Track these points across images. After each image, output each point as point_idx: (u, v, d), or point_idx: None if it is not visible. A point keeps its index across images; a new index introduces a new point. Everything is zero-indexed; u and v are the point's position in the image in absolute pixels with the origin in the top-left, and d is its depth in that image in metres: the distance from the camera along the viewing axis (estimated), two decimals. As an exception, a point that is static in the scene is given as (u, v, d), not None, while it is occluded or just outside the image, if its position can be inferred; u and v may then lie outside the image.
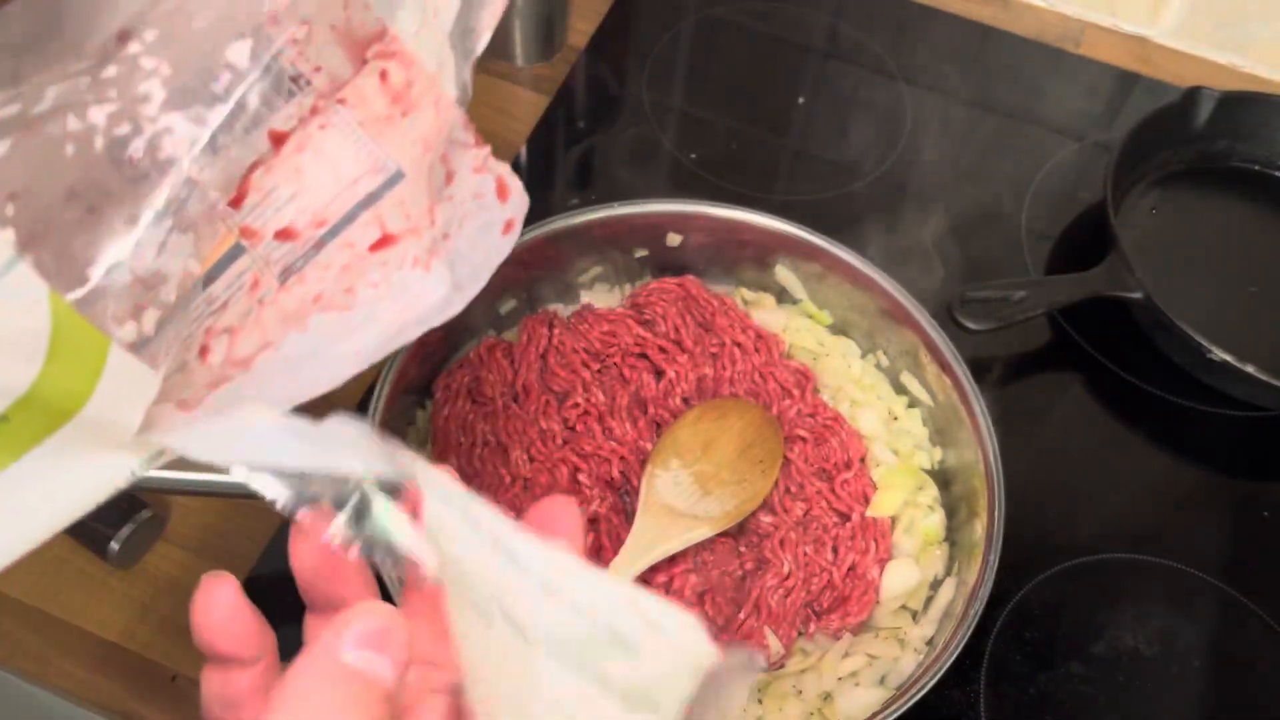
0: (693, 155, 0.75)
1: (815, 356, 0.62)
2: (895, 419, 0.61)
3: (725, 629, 0.52)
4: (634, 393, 0.58)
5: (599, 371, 0.59)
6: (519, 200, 0.32)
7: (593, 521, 0.54)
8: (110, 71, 0.28)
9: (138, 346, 0.27)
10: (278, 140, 0.29)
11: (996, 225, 0.73)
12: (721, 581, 0.53)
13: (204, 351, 0.29)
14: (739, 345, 0.60)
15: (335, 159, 0.30)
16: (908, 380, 0.61)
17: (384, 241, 0.30)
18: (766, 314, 0.63)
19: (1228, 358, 0.62)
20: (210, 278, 0.28)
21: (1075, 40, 0.84)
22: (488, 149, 0.33)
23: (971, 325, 0.62)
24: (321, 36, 0.30)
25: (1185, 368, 0.66)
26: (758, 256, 0.63)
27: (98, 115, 0.27)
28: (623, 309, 0.62)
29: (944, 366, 0.57)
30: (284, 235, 0.29)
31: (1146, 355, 0.67)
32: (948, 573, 0.55)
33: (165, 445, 0.27)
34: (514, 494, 0.55)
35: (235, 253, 0.29)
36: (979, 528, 0.53)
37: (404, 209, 0.30)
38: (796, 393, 0.59)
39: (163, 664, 0.53)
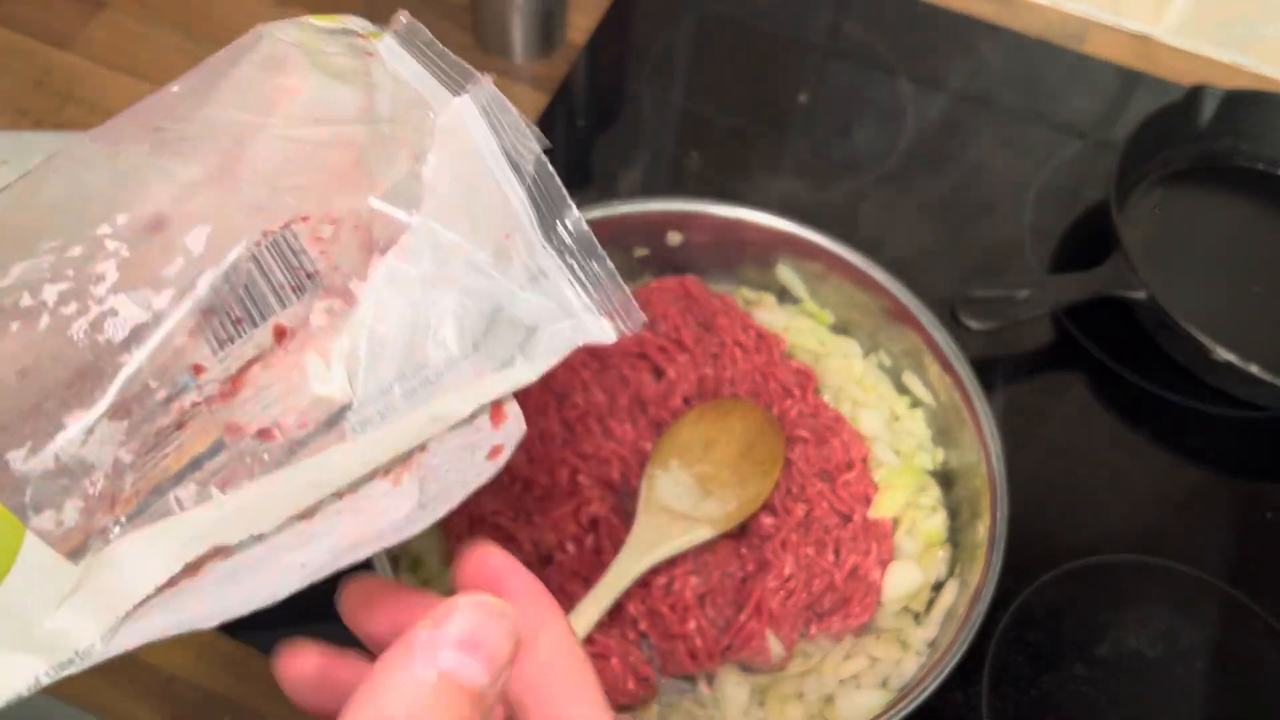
0: (694, 153, 0.74)
1: (817, 356, 0.62)
2: (897, 419, 0.60)
3: (726, 631, 0.52)
4: (634, 393, 0.58)
5: (599, 371, 0.59)
6: (514, 426, 0.30)
7: (593, 523, 0.54)
8: (75, 251, 0.27)
9: (56, 537, 0.26)
10: (281, 335, 0.28)
11: (999, 224, 0.73)
12: (722, 583, 0.53)
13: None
14: (740, 345, 0.60)
15: (333, 360, 0.28)
16: (910, 380, 0.60)
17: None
18: (767, 313, 0.63)
19: (1231, 358, 0.61)
20: (183, 474, 0.27)
21: (1078, 38, 0.84)
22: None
23: (974, 325, 0.61)
24: (346, 236, 0.29)
25: (1189, 368, 0.66)
26: (759, 256, 0.62)
27: (50, 293, 0.27)
28: (623, 308, 0.62)
29: (946, 366, 0.57)
30: (264, 435, 0.28)
31: (1150, 355, 0.67)
32: (950, 574, 0.55)
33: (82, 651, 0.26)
34: (514, 494, 0.55)
35: (215, 449, 0.28)
36: (981, 529, 0.53)
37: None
38: (798, 393, 0.59)
39: (160, 667, 0.53)
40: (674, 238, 0.62)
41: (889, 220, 0.71)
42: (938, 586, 0.55)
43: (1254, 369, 0.61)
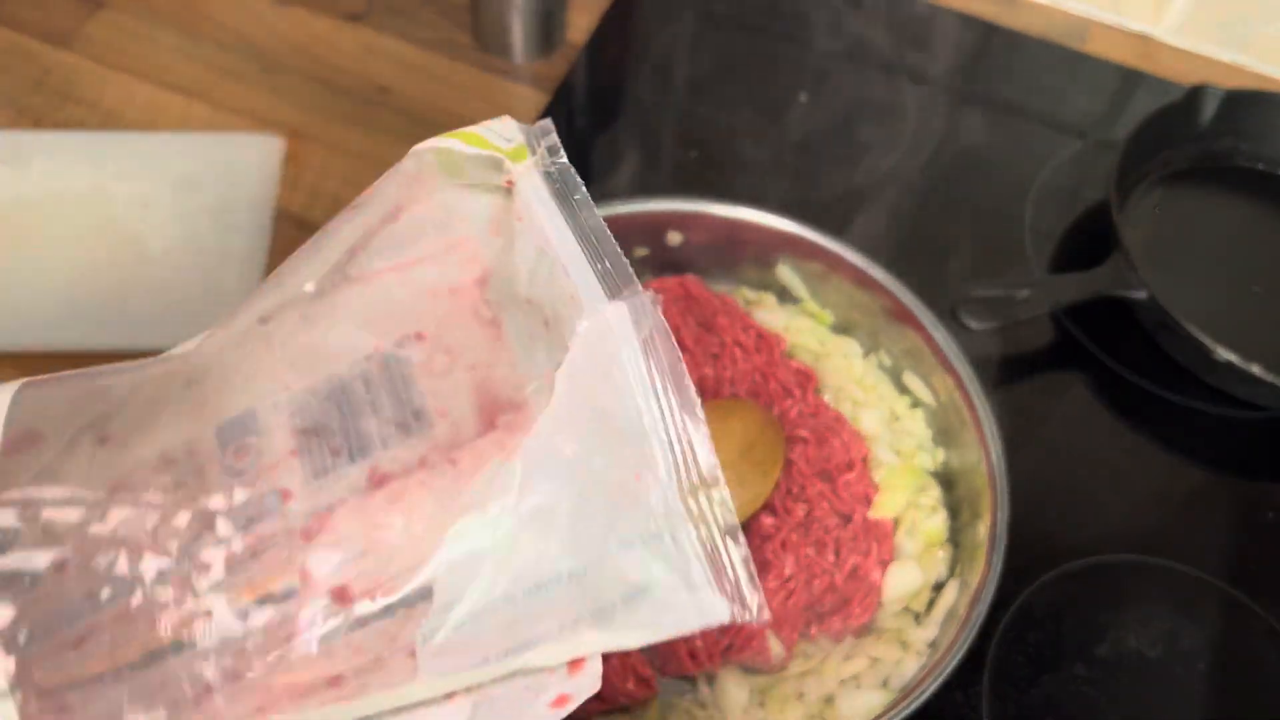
0: (694, 153, 0.74)
1: (817, 356, 0.62)
2: (897, 419, 0.60)
3: (726, 631, 0.52)
4: (634, 393, 0.58)
5: (599, 371, 0.59)
6: (588, 681, 0.27)
7: (593, 523, 0.54)
8: (182, 519, 0.25)
9: None
10: (377, 482, 0.26)
11: (999, 224, 0.73)
12: (722, 583, 0.53)
13: (208, 691, 0.25)
14: (740, 345, 0.60)
15: (421, 528, 0.26)
16: (910, 380, 0.60)
17: (407, 654, 0.26)
18: (768, 313, 0.63)
19: (1232, 358, 0.61)
20: (258, 605, 0.25)
21: (1079, 38, 0.84)
22: None
23: (974, 325, 0.61)
24: (459, 377, 0.27)
25: (1189, 368, 0.66)
26: (759, 256, 0.62)
27: (150, 567, 0.25)
28: (623, 308, 0.62)
29: (946, 366, 0.57)
30: (338, 596, 0.26)
31: (1150, 355, 0.67)
32: (950, 574, 0.55)
33: None
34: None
35: (288, 592, 0.25)
36: (982, 529, 0.53)
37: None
38: (798, 393, 0.59)
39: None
40: (674, 237, 0.62)
41: (889, 220, 0.71)
42: (938, 587, 0.55)
43: (1255, 369, 0.61)
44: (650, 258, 0.63)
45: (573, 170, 0.30)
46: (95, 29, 0.78)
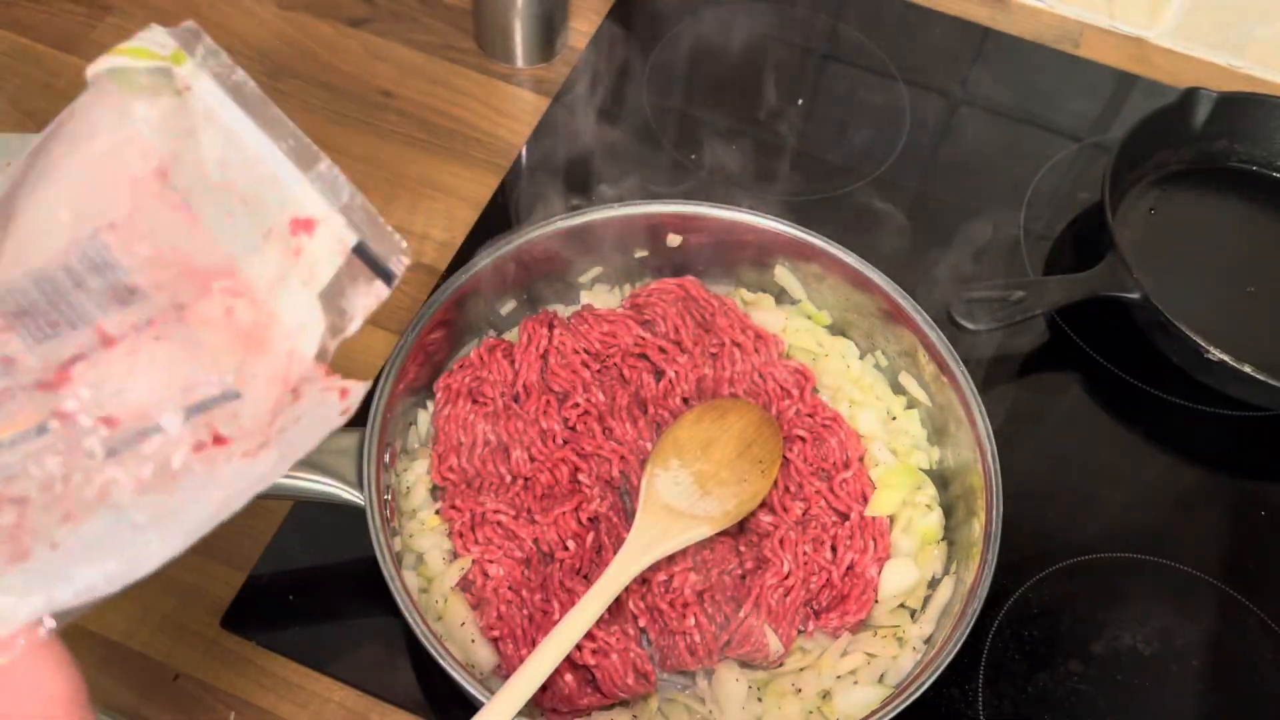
0: (692, 156, 0.75)
1: (814, 357, 0.63)
2: (893, 419, 0.61)
3: (725, 627, 0.53)
4: (634, 393, 0.59)
5: (599, 372, 0.60)
6: (357, 394, 0.33)
7: (593, 521, 0.55)
8: None
9: None
10: (107, 341, 0.31)
11: (995, 226, 0.74)
12: (721, 580, 0.54)
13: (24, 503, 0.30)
14: (738, 345, 0.60)
15: (169, 367, 0.31)
16: (906, 380, 0.61)
17: (214, 443, 0.32)
18: (766, 314, 0.63)
19: (1225, 357, 0.62)
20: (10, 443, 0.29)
21: (1074, 41, 0.84)
22: (338, 379, 0.34)
23: (970, 325, 0.62)
24: (164, 256, 0.32)
25: (1183, 367, 0.66)
26: (757, 257, 0.63)
27: None
28: (623, 309, 0.62)
29: (942, 367, 0.57)
30: (107, 422, 0.30)
31: (1145, 355, 0.67)
32: (946, 571, 0.56)
33: None
34: (514, 493, 0.55)
35: (38, 431, 0.30)
36: (977, 527, 0.53)
37: (238, 422, 0.32)
38: (795, 393, 0.60)
39: (165, 663, 0.54)
40: (673, 239, 0.62)
41: (886, 222, 0.72)
42: (934, 583, 0.56)
43: (1247, 369, 0.62)
44: (650, 259, 0.63)
45: (239, 69, 0.35)
46: (102, 34, 0.78)
